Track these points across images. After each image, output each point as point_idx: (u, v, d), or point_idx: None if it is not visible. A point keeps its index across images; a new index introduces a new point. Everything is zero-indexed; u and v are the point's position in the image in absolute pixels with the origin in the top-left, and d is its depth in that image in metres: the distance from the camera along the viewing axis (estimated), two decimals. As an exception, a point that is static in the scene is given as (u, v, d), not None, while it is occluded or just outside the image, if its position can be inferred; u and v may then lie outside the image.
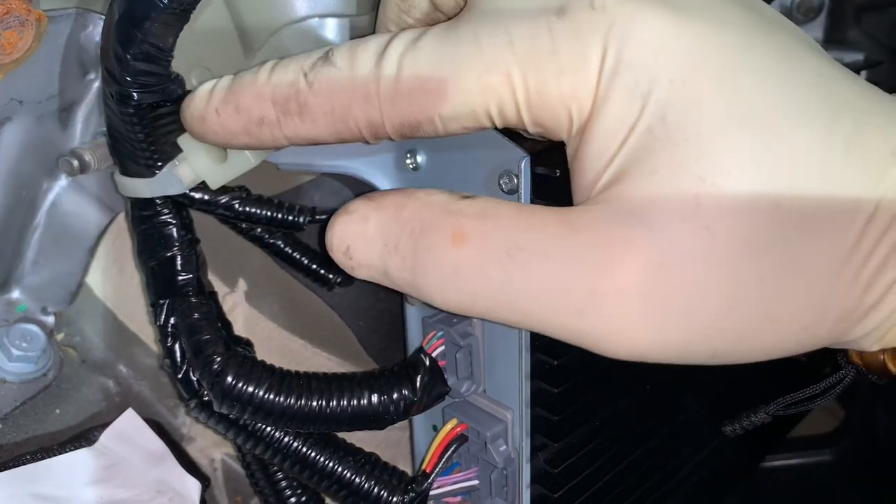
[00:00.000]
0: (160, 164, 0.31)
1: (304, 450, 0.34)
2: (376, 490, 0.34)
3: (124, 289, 0.41)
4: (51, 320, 0.41)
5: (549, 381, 0.32)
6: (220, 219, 0.36)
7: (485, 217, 0.25)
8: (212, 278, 0.35)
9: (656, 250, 0.23)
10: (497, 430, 0.33)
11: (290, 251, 0.39)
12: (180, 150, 0.31)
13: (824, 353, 0.27)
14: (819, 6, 0.53)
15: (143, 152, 0.31)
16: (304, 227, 0.36)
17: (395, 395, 0.32)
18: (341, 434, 0.35)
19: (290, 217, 0.35)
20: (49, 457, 0.37)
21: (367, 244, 0.27)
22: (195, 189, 0.32)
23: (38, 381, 0.40)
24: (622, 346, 0.24)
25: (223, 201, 0.33)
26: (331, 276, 0.40)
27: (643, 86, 0.23)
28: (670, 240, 0.23)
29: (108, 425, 0.38)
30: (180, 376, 0.33)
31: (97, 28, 0.34)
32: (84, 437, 0.38)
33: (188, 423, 0.44)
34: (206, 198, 0.33)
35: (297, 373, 0.32)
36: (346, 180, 0.40)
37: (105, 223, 0.40)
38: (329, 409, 0.31)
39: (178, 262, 0.33)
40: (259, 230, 0.38)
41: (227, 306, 0.39)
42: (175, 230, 0.33)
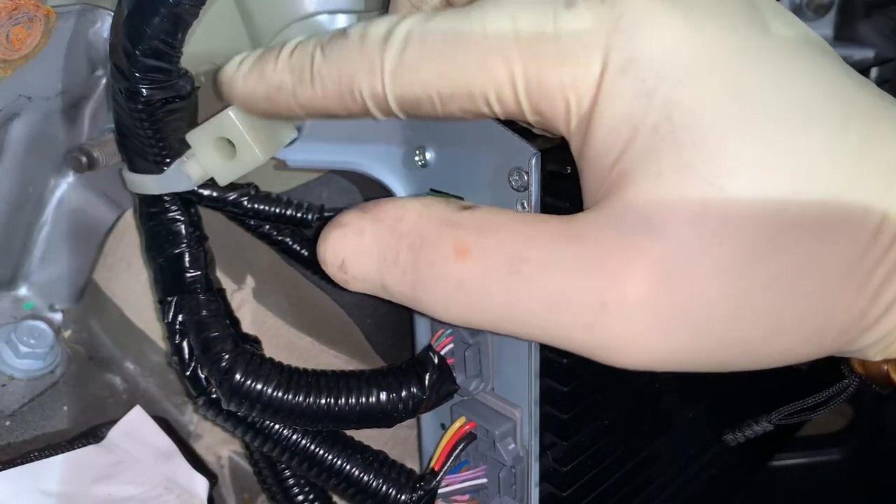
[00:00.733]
0: (169, 160, 0.31)
1: (313, 447, 0.33)
2: (384, 488, 0.33)
3: (132, 286, 0.41)
4: (58, 317, 0.41)
5: (558, 379, 0.32)
6: (229, 216, 0.36)
7: (487, 229, 0.25)
8: (220, 275, 0.35)
9: (663, 258, 0.22)
10: (506, 429, 0.33)
11: (298, 248, 0.39)
12: (189, 147, 0.31)
13: (826, 361, 0.27)
14: (829, 3, 0.52)
15: (152, 149, 0.31)
16: (312, 224, 0.36)
17: (404, 393, 0.32)
18: (349, 432, 0.35)
19: (299, 214, 0.35)
20: (57, 453, 0.37)
21: (364, 258, 0.27)
22: (203, 186, 0.32)
23: (45, 377, 0.40)
24: (631, 357, 0.24)
25: (231, 198, 0.33)
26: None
27: (649, 83, 0.22)
28: (677, 247, 0.22)
29: (115, 422, 0.38)
30: (188, 373, 0.33)
31: (105, 24, 0.34)
32: (92, 433, 0.39)
33: (195, 420, 0.44)
34: (215, 194, 0.33)
35: (306, 370, 0.32)
36: (354, 177, 0.40)
37: (113, 220, 0.41)
38: (337, 407, 0.31)
39: (187, 259, 0.33)
40: (267, 227, 0.38)
41: (235, 303, 0.39)
42: (183, 227, 0.33)
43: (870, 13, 0.53)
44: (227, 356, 0.31)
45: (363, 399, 0.31)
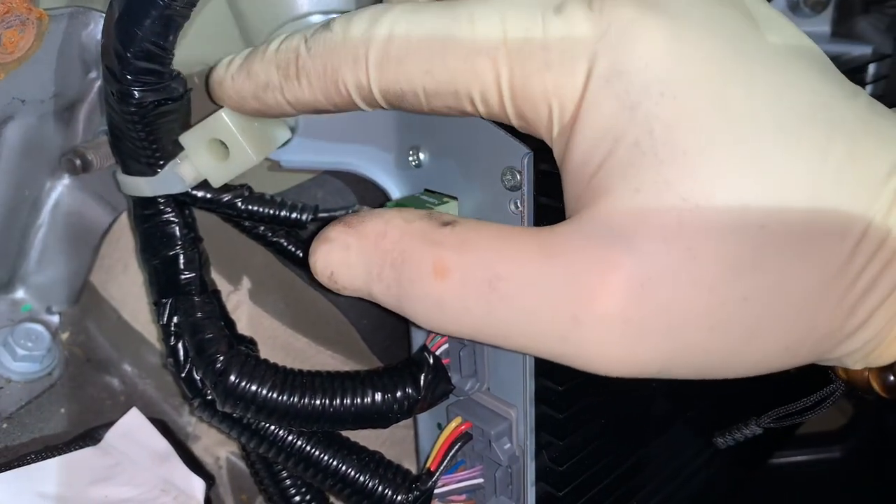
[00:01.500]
0: (162, 162, 0.31)
1: (309, 448, 0.33)
2: (381, 488, 0.33)
3: (129, 287, 0.41)
4: (55, 319, 0.41)
5: (553, 378, 0.32)
6: (223, 217, 0.36)
7: (465, 247, 0.25)
8: (215, 277, 0.35)
9: (636, 272, 0.23)
10: (501, 428, 0.33)
11: (293, 249, 0.38)
12: (182, 149, 0.31)
13: (816, 365, 0.27)
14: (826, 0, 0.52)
15: (145, 151, 0.31)
16: (307, 225, 0.36)
17: (399, 394, 0.31)
18: (345, 432, 0.35)
19: (293, 215, 0.35)
20: (54, 456, 0.37)
21: (351, 270, 0.27)
22: (197, 187, 0.32)
23: (42, 380, 0.40)
24: (607, 365, 0.24)
25: (225, 199, 0.33)
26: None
27: (633, 96, 0.22)
28: (651, 261, 0.22)
29: (112, 424, 0.38)
30: (184, 375, 0.33)
31: (98, 26, 0.34)
32: (89, 435, 0.39)
33: (193, 422, 0.44)
34: (209, 196, 0.33)
35: (301, 371, 0.32)
36: (348, 178, 0.40)
37: (109, 222, 0.40)
38: (333, 408, 0.31)
39: (181, 261, 0.33)
40: (262, 228, 0.38)
41: (230, 305, 0.39)
42: (177, 229, 0.33)
43: (867, 9, 0.53)
44: (221, 358, 0.31)
45: (358, 400, 0.31)
